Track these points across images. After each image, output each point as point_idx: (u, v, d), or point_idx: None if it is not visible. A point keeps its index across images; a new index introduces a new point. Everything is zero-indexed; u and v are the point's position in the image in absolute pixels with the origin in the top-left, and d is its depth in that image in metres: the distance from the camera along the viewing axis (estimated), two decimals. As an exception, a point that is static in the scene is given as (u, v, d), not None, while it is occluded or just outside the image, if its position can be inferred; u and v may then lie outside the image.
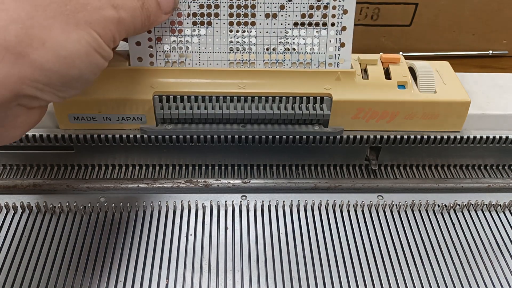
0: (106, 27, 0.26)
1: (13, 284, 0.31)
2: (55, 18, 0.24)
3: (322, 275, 0.33)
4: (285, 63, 0.36)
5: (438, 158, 0.42)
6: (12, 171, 0.40)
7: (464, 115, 0.38)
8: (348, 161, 0.42)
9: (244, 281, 0.32)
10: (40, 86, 0.24)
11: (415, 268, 0.34)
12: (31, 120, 0.27)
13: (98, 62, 0.27)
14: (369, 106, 0.37)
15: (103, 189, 0.38)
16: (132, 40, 0.35)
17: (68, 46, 0.24)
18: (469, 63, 0.61)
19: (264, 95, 0.36)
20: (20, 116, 0.26)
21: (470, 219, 0.38)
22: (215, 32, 0.35)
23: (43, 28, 0.23)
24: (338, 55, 0.36)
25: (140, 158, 0.40)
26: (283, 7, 0.35)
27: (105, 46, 0.26)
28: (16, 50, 0.22)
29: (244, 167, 0.41)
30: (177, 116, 0.35)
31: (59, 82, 0.25)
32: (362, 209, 0.38)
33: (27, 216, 0.36)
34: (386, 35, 0.60)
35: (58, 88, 0.25)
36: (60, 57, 0.24)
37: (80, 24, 0.25)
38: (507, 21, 0.59)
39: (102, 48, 0.26)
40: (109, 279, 0.32)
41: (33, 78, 0.23)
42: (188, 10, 0.34)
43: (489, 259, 0.35)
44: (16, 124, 0.26)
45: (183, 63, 0.36)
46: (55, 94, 0.25)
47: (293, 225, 0.36)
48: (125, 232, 0.35)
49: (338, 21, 0.35)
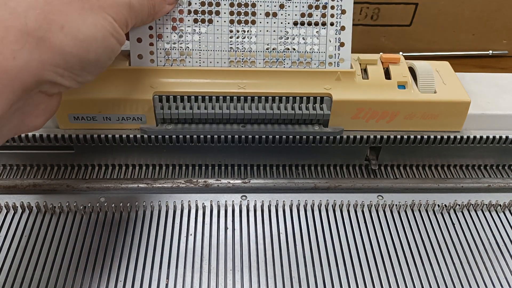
0: (119, 12, 0.27)
1: (13, 284, 0.31)
2: (71, 3, 0.24)
3: (322, 275, 0.33)
4: (285, 62, 0.36)
5: (438, 158, 0.42)
6: (12, 171, 0.40)
7: (464, 115, 0.38)
8: (348, 161, 0.42)
9: (244, 281, 0.32)
10: (60, 71, 0.24)
11: (415, 268, 0.34)
12: (52, 108, 0.27)
13: (114, 46, 0.27)
14: (369, 106, 0.37)
15: (103, 189, 0.38)
16: (134, 37, 0.35)
17: (85, 30, 0.25)
18: (469, 63, 0.61)
19: (264, 95, 0.36)
20: (41, 103, 0.26)
21: (470, 219, 0.38)
22: (216, 30, 0.35)
23: (60, 13, 0.24)
24: (338, 55, 0.36)
25: (140, 158, 0.40)
26: (282, 6, 0.35)
27: (120, 30, 0.27)
28: (37, 35, 0.23)
29: (244, 167, 0.41)
30: (177, 116, 0.35)
31: (78, 66, 0.25)
32: (362, 209, 0.38)
33: (27, 216, 0.36)
34: (386, 35, 0.60)
35: (77, 72, 0.26)
36: (78, 41, 0.24)
37: (94, 9, 0.25)
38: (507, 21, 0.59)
39: (117, 32, 0.27)
40: (109, 279, 0.32)
41: (54, 63, 0.24)
42: (189, 7, 0.34)
43: (489, 259, 0.35)
44: (38, 112, 0.26)
45: (183, 61, 0.36)
46: (74, 79, 0.26)
47: (293, 225, 0.36)
48: (125, 232, 0.35)
49: (337, 20, 0.35)
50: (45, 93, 0.26)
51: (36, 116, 0.26)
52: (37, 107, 0.26)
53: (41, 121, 0.27)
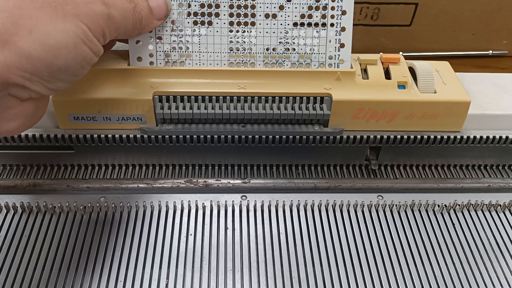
0: (95, 21, 0.26)
1: (13, 284, 0.31)
2: (42, 9, 0.24)
3: (322, 275, 0.33)
4: (285, 63, 0.36)
5: (438, 158, 0.42)
6: (12, 171, 0.40)
7: (464, 115, 0.38)
8: (348, 161, 0.42)
9: (244, 281, 0.32)
10: (27, 75, 0.24)
11: (415, 268, 0.34)
12: (26, 113, 0.27)
13: (86, 55, 0.27)
14: (369, 106, 0.37)
15: (103, 189, 0.38)
16: (132, 39, 0.35)
17: (55, 36, 0.25)
18: (469, 63, 0.61)
19: (264, 95, 0.36)
20: (13, 107, 0.26)
21: (470, 219, 0.38)
22: (216, 32, 0.35)
23: (30, 18, 0.24)
24: (338, 56, 0.36)
25: (140, 158, 0.40)
26: (282, 7, 0.35)
27: (94, 39, 0.27)
28: (3, 38, 0.23)
29: (244, 167, 0.41)
30: (177, 116, 0.35)
31: (46, 72, 0.25)
32: (362, 209, 0.38)
33: (27, 216, 0.36)
34: (386, 35, 0.60)
35: (46, 78, 0.25)
36: (47, 46, 0.24)
37: (68, 15, 0.25)
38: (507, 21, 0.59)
39: (91, 40, 0.27)
40: (109, 279, 0.32)
41: (20, 66, 0.24)
42: (189, 9, 0.34)
43: (489, 259, 0.35)
44: (10, 116, 0.26)
45: (183, 63, 0.36)
46: (43, 85, 0.26)
47: (293, 225, 0.36)
48: (125, 232, 0.35)
49: (337, 21, 0.35)
50: (16, 97, 0.25)
51: (8, 120, 0.26)
52: (8, 111, 0.26)
53: (14, 126, 0.27)
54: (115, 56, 0.36)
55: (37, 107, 0.28)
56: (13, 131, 0.27)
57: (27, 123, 0.27)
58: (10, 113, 0.26)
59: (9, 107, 0.26)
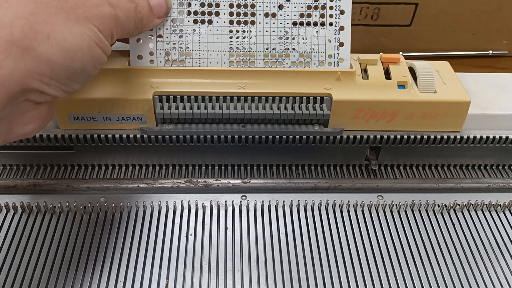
0: (104, 23, 0.27)
1: (13, 284, 0.31)
2: (57, 14, 0.25)
3: (322, 275, 0.33)
4: (284, 61, 0.36)
5: (438, 158, 0.42)
6: (12, 171, 0.40)
7: (464, 115, 0.38)
8: (348, 161, 0.42)
9: (244, 281, 0.32)
10: (46, 79, 0.25)
11: (415, 268, 0.34)
12: (41, 116, 0.27)
13: (99, 56, 0.28)
14: (369, 106, 0.37)
15: (103, 189, 0.38)
16: (133, 38, 0.35)
17: (71, 40, 0.25)
18: (469, 63, 0.61)
19: (264, 95, 0.36)
20: (28, 111, 0.26)
21: (470, 219, 0.38)
22: (216, 31, 0.35)
23: (46, 23, 0.24)
24: (338, 55, 0.36)
25: (140, 158, 0.40)
26: (281, 6, 0.35)
27: (105, 40, 0.28)
28: (23, 44, 0.23)
29: (244, 167, 0.41)
30: (177, 116, 0.36)
31: (64, 75, 0.26)
32: (362, 209, 0.38)
33: (27, 216, 0.36)
34: (386, 35, 0.60)
35: (63, 81, 0.26)
36: (64, 50, 0.25)
37: (80, 19, 0.26)
38: (507, 21, 0.59)
39: (102, 42, 0.27)
40: (109, 279, 0.32)
41: (40, 71, 0.24)
42: (189, 8, 0.34)
43: (489, 259, 0.35)
44: (26, 120, 0.26)
45: (183, 62, 0.36)
46: (60, 88, 0.26)
47: (293, 225, 0.36)
48: (125, 232, 0.35)
49: (336, 21, 0.35)
50: (32, 102, 0.26)
51: (24, 124, 0.27)
52: (25, 115, 0.26)
53: (30, 129, 0.27)
54: (115, 56, 0.37)
55: (50, 109, 0.28)
56: (28, 133, 0.27)
57: (41, 125, 0.28)
58: (26, 117, 0.26)
59: (26, 111, 0.26)
